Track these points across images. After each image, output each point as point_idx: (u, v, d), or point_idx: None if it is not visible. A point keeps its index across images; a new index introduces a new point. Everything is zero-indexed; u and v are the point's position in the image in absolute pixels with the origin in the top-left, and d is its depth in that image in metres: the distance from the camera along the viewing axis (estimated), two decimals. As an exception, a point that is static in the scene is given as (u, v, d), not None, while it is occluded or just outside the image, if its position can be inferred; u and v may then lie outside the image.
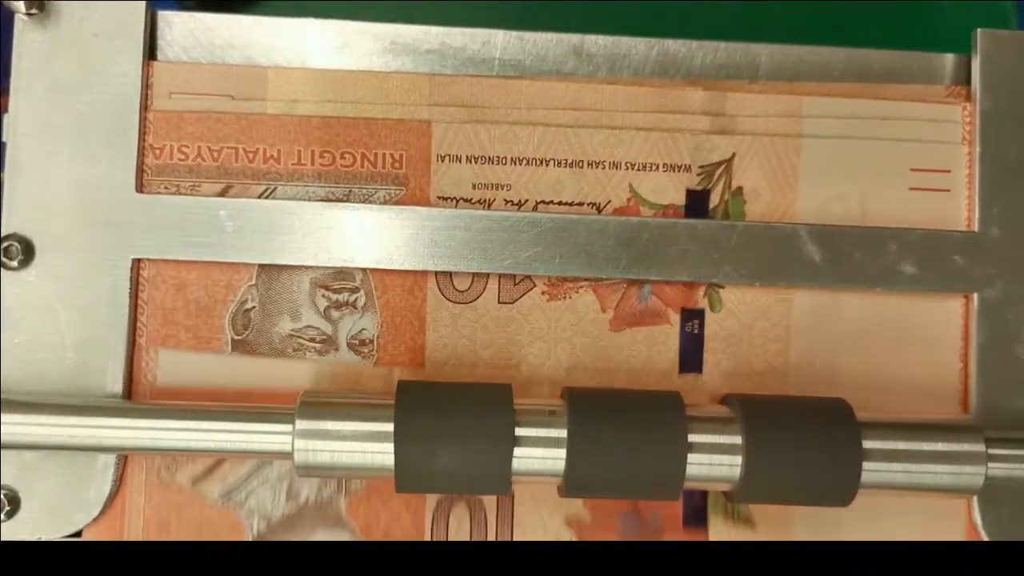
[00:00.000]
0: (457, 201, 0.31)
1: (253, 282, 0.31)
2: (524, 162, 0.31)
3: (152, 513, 0.30)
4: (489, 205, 0.31)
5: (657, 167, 0.31)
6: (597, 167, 0.31)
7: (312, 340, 0.31)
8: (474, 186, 0.31)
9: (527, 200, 0.31)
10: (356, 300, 0.31)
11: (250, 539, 0.31)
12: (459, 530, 0.31)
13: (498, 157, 0.31)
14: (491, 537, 0.31)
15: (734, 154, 0.32)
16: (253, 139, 0.31)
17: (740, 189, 0.32)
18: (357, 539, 0.31)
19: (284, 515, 0.31)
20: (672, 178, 0.31)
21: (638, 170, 0.31)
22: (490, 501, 0.31)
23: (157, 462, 0.30)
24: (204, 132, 0.30)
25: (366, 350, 0.31)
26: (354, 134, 0.31)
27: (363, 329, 0.31)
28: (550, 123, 0.31)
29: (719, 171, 0.32)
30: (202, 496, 0.31)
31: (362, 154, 0.31)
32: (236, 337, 0.31)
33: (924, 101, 0.32)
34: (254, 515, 0.31)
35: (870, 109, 0.32)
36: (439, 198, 0.31)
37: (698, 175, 0.32)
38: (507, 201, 0.31)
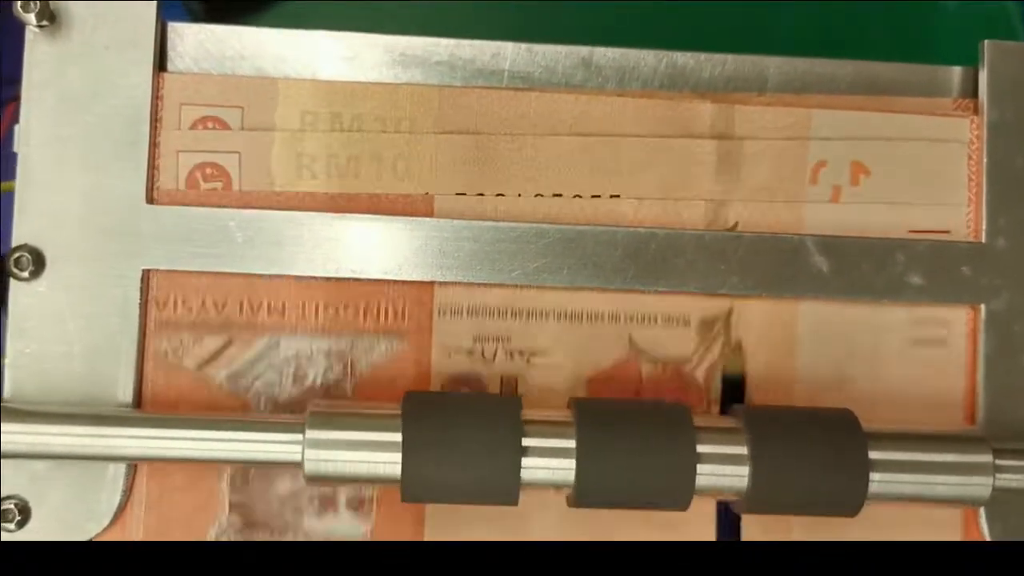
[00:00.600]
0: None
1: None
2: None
3: (160, 392, 0.30)
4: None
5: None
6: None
7: (310, 500, 0.31)
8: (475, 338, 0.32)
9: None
10: None
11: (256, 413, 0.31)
12: None
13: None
14: None
15: (731, 309, 0.32)
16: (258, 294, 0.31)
17: (740, 344, 0.32)
18: None
19: (290, 397, 0.31)
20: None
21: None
22: (494, 387, 0.31)
23: (164, 346, 0.30)
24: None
25: (365, 509, 0.31)
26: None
27: None
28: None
29: (717, 326, 0.32)
30: (208, 379, 0.31)
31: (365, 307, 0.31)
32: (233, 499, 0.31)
33: (932, 114, 0.32)
34: (260, 397, 0.31)
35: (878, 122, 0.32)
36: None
37: (696, 330, 0.32)
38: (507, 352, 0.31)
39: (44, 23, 0.30)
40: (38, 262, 0.30)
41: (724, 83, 0.32)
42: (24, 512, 0.30)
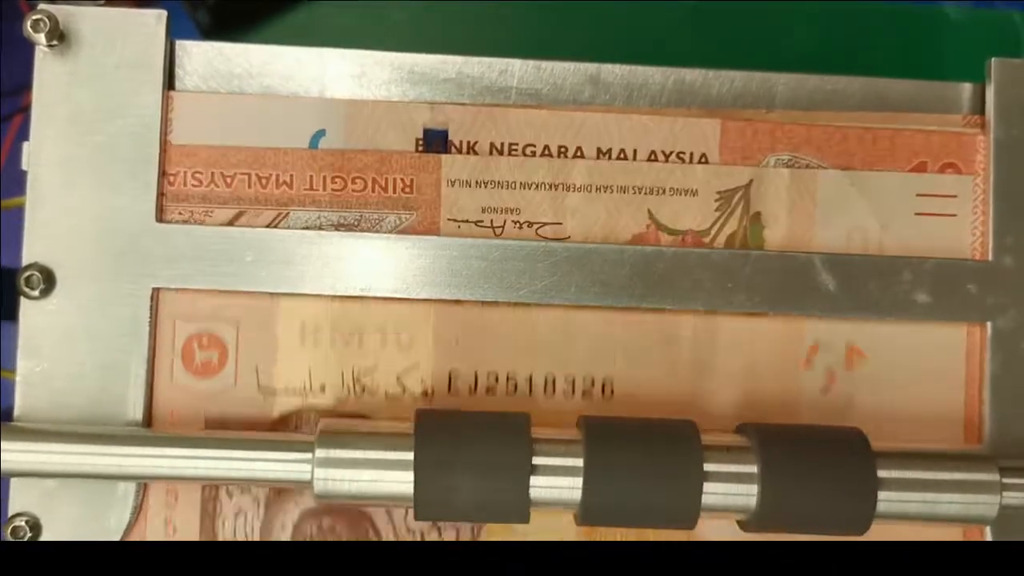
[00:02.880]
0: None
1: None
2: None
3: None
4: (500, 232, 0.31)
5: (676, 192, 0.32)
6: (613, 191, 0.31)
7: None
8: (483, 209, 0.31)
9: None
10: None
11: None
12: None
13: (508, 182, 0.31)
14: None
15: (751, 180, 0.32)
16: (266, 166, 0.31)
17: (759, 215, 0.32)
18: None
19: None
20: (690, 203, 0.32)
21: (656, 194, 0.32)
22: None
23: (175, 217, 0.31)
24: (218, 159, 0.31)
25: None
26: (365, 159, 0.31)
27: None
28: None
29: (737, 196, 0.32)
30: None
31: (372, 179, 0.31)
32: None
33: (940, 130, 0.32)
34: None
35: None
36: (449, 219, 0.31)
37: (716, 200, 0.32)
38: (515, 223, 0.31)
39: (54, 43, 0.30)
40: (48, 280, 0.30)
41: (732, 100, 0.32)
42: (35, 529, 0.30)
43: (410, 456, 0.28)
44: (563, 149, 0.32)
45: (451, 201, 0.31)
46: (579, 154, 0.32)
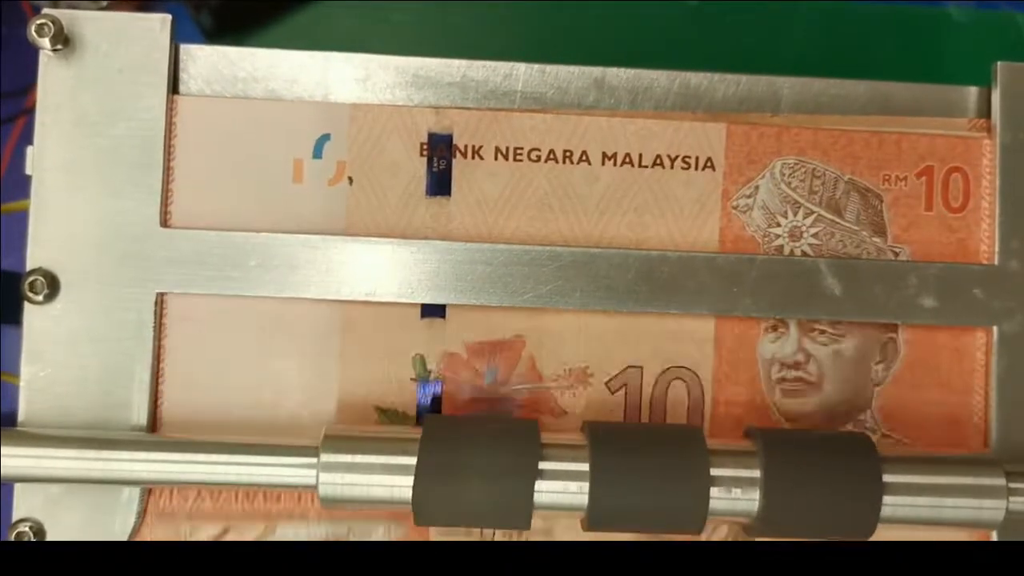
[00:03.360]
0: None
1: None
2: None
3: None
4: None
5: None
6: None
7: None
8: None
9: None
10: None
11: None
12: None
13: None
14: None
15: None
16: None
17: None
18: None
19: None
20: None
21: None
22: None
23: None
24: None
25: None
26: None
27: None
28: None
29: None
30: None
31: None
32: None
33: (946, 134, 0.32)
34: None
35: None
36: None
37: None
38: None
39: (59, 47, 0.30)
40: (52, 285, 0.30)
41: (737, 103, 0.32)
42: (39, 535, 0.30)
43: (414, 461, 0.28)
44: (568, 153, 0.31)
45: None
46: (584, 158, 0.31)
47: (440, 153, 0.31)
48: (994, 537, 0.31)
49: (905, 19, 0.52)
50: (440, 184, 0.31)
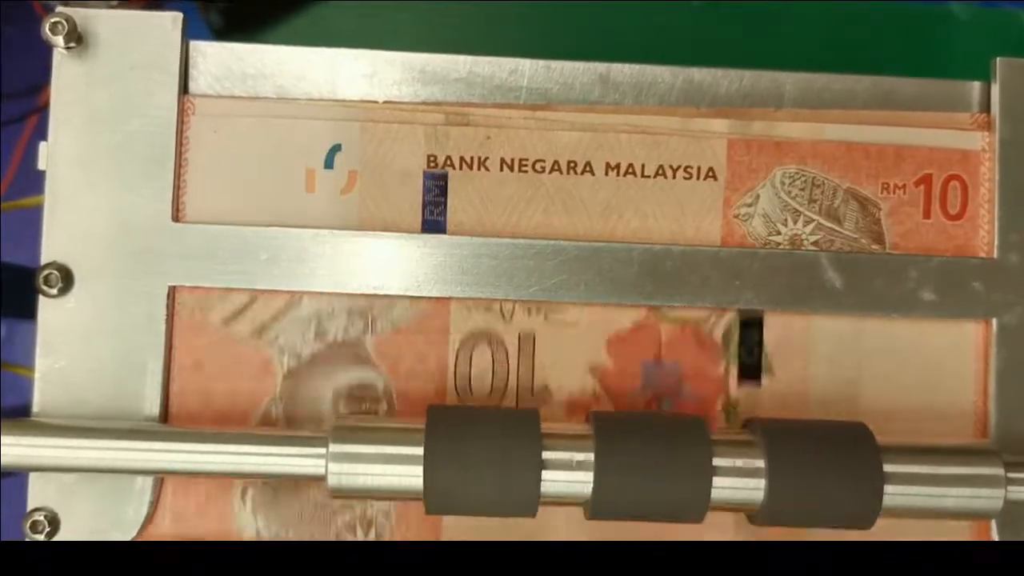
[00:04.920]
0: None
1: (277, 394, 0.31)
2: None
3: (186, 353, 0.31)
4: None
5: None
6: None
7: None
8: None
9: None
10: (378, 409, 0.32)
11: (280, 374, 0.31)
12: (480, 361, 0.32)
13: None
14: (512, 375, 0.32)
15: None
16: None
17: None
18: (383, 377, 0.32)
19: (312, 353, 0.32)
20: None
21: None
22: (511, 344, 0.32)
23: (190, 303, 0.31)
24: None
25: None
26: None
27: None
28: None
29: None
30: (232, 335, 0.31)
31: None
32: None
33: (943, 147, 0.32)
34: (284, 353, 0.32)
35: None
36: None
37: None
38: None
39: (72, 44, 0.30)
40: (66, 279, 0.30)
41: (741, 99, 0.33)
42: (53, 523, 0.30)
43: (421, 451, 0.28)
44: (572, 164, 0.32)
45: None
46: (588, 169, 0.32)
47: (446, 164, 0.32)
48: (993, 526, 0.31)
49: (907, 17, 0.53)
50: (441, 193, 0.32)
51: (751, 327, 0.32)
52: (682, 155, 0.32)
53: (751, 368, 0.32)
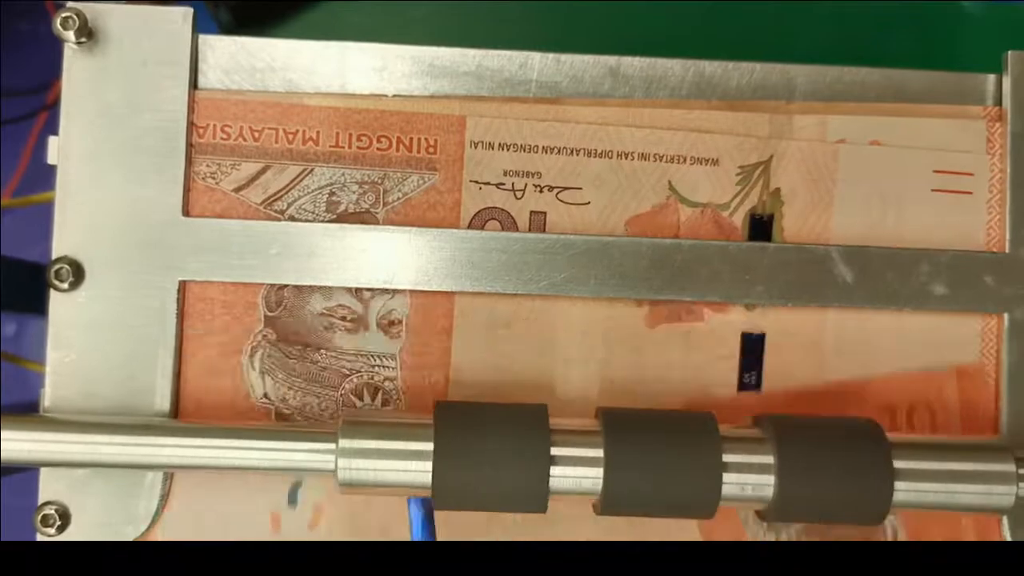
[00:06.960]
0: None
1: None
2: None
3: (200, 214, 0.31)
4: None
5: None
6: (635, 159, 0.32)
7: (343, 319, 0.32)
8: (505, 172, 0.32)
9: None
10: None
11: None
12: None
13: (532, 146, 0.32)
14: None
15: (772, 156, 0.32)
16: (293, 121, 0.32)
17: (778, 191, 0.32)
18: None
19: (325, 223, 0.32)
20: (710, 174, 0.32)
21: (677, 163, 0.32)
22: (522, 220, 0.32)
23: (203, 170, 0.31)
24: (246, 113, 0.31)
25: (395, 330, 0.32)
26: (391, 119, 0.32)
27: (392, 310, 0.32)
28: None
29: (757, 172, 0.32)
30: (246, 200, 0.31)
31: (397, 138, 0.31)
32: (269, 314, 0.31)
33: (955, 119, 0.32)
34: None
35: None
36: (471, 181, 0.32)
37: (737, 175, 0.32)
38: (536, 187, 0.32)
39: (83, 40, 0.30)
40: (77, 273, 0.30)
41: (752, 92, 0.33)
42: (64, 517, 0.30)
43: (431, 447, 0.28)
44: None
45: (474, 163, 0.32)
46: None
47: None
48: (1004, 523, 0.31)
49: (919, 14, 0.52)
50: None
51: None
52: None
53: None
